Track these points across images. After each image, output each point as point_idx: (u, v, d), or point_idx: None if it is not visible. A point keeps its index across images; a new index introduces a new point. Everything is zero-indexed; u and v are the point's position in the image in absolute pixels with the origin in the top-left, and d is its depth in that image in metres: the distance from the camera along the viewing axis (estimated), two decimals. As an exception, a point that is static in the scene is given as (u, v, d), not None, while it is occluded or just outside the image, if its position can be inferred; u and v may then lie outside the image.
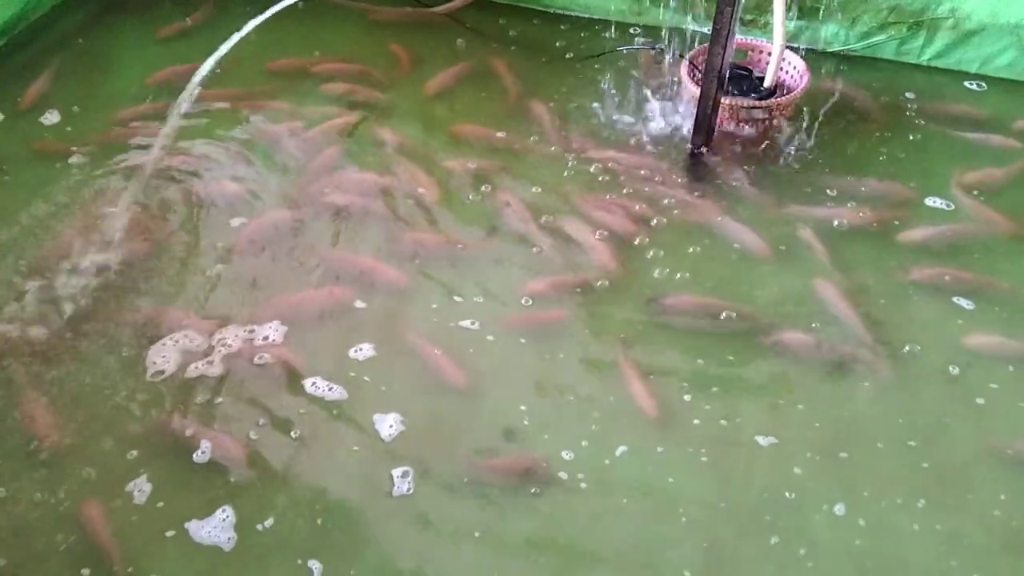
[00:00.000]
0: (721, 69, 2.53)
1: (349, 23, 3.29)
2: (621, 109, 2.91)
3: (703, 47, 2.69)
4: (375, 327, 2.28)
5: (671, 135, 2.81)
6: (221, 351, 2.19)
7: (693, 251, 2.47)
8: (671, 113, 2.88)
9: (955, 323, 2.28)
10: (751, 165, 2.70)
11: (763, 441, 2.05)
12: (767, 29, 2.97)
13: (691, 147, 2.74)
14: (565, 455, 2.03)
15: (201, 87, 2.85)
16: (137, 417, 2.08)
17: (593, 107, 2.93)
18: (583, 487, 1.98)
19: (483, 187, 2.65)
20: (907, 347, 2.23)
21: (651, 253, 2.46)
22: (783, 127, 2.80)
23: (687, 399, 2.13)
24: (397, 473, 1.99)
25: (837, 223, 2.53)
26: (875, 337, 2.25)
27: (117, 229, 2.49)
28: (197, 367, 2.16)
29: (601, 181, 2.67)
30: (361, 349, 2.23)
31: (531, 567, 1.86)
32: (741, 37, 2.81)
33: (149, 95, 2.97)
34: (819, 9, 2.98)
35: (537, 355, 2.23)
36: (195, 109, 2.86)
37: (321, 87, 3.02)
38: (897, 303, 2.34)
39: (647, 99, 2.93)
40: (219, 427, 2.06)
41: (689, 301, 2.33)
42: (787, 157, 2.73)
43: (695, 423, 2.08)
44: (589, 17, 3.28)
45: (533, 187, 2.66)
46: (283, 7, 2.88)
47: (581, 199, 2.61)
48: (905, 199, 2.61)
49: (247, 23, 2.91)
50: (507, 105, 2.95)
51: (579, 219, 2.55)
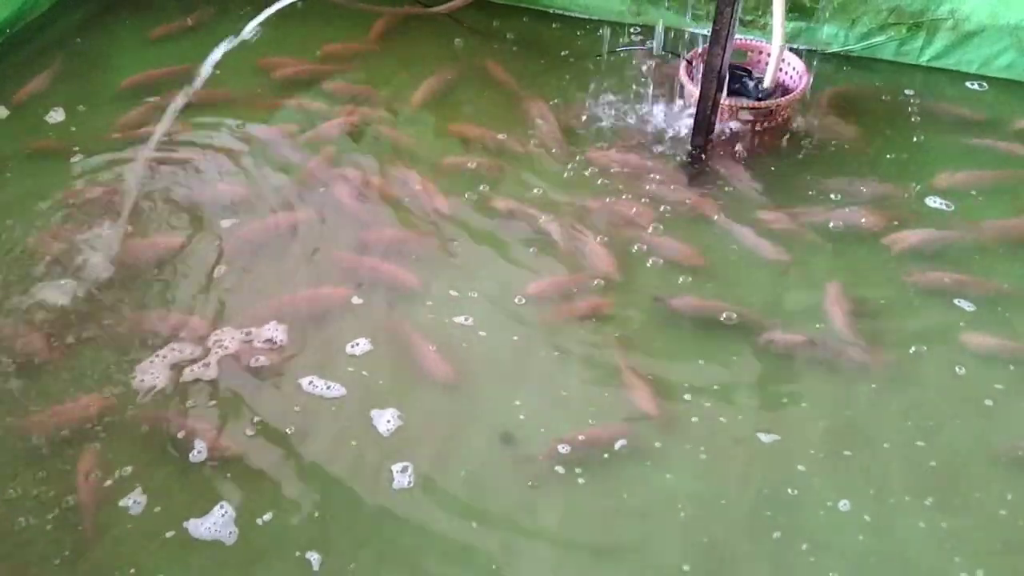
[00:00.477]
0: (721, 69, 2.53)
1: (349, 23, 3.28)
2: (620, 109, 2.90)
3: (702, 47, 2.69)
4: (372, 323, 2.27)
5: (671, 135, 2.81)
6: (217, 352, 2.17)
7: (693, 250, 2.45)
8: (670, 113, 2.87)
9: (957, 324, 2.27)
10: (751, 165, 2.69)
11: (765, 438, 2.05)
12: (766, 30, 2.97)
13: (691, 147, 2.73)
14: (562, 449, 2.02)
15: (199, 87, 2.85)
16: (133, 423, 2.06)
17: (592, 107, 2.92)
18: (580, 482, 1.97)
19: (481, 186, 2.65)
20: (912, 348, 2.22)
21: (651, 253, 2.45)
22: (782, 127, 2.79)
23: (687, 398, 2.12)
24: (397, 468, 1.98)
25: (837, 223, 2.52)
26: (878, 337, 2.24)
27: (114, 229, 2.49)
28: (192, 370, 2.14)
29: (600, 181, 2.66)
30: (357, 344, 2.22)
31: (531, 561, 1.85)
32: (740, 37, 2.81)
33: (140, 95, 2.95)
34: (818, 10, 2.98)
35: (536, 353, 2.22)
36: (192, 110, 2.84)
37: (322, 86, 3.02)
38: (899, 303, 2.33)
39: (646, 99, 2.93)
40: (214, 426, 2.04)
41: (692, 302, 2.32)
42: (787, 157, 2.72)
43: (693, 420, 2.07)
44: (588, 17, 3.29)
45: (532, 188, 2.65)
46: (283, 7, 2.88)
47: (581, 199, 2.60)
48: (905, 200, 2.61)
49: (246, 23, 2.91)
50: (506, 105, 2.94)
51: (579, 219, 2.54)
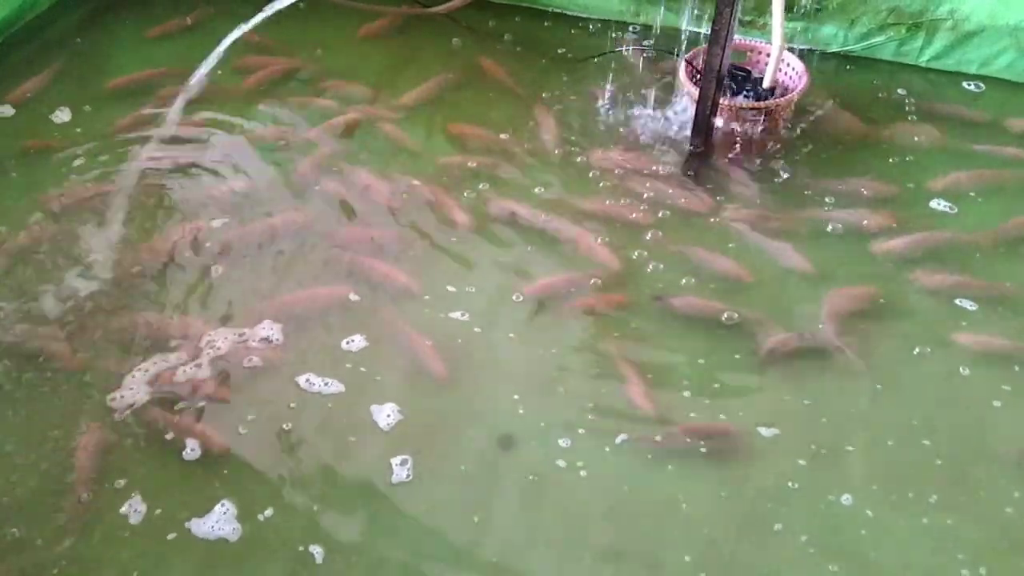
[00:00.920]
0: (720, 69, 2.53)
1: (349, 23, 3.28)
2: (620, 109, 2.90)
3: (702, 47, 2.69)
4: (369, 320, 2.26)
5: (670, 135, 2.80)
6: (210, 353, 2.16)
7: (693, 250, 2.44)
8: (670, 113, 2.87)
9: (959, 324, 2.26)
10: (750, 165, 2.69)
11: (766, 432, 2.04)
12: (766, 30, 2.97)
13: (690, 147, 2.73)
14: (562, 443, 2.02)
15: (196, 88, 2.85)
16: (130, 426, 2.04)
17: (591, 107, 2.92)
18: (582, 475, 1.96)
19: (481, 185, 2.64)
20: (917, 349, 2.21)
21: (650, 253, 2.44)
22: (782, 128, 2.79)
23: (687, 396, 2.11)
24: (396, 461, 1.98)
25: (837, 223, 2.52)
26: (879, 338, 2.23)
27: (110, 230, 2.48)
28: (185, 370, 2.13)
29: (600, 181, 2.66)
30: (353, 340, 2.21)
31: (531, 556, 1.84)
32: (740, 38, 2.81)
33: (129, 96, 2.95)
34: (818, 10, 2.98)
35: (535, 351, 2.21)
36: (187, 109, 2.85)
37: (321, 85, 3.02)
38: (901, 303, 2.33)
39: (646, 99, 2.92)
40: (210, 425, 2.02)
41: (693, 302, 2.31)
42: (786, 158, 2.72)
43: (692, 416, 2.07)
44: (587, 17, 3.28)
45: (532, 188, 2.64)
46: (282, 6, 2.88)
47: (580, 199, 2.59)
48: (905, 200, 2.60)
49: (245, 23, 2.91)
50: (506, 105, 2.94)
51: (579, 219, 2.53)
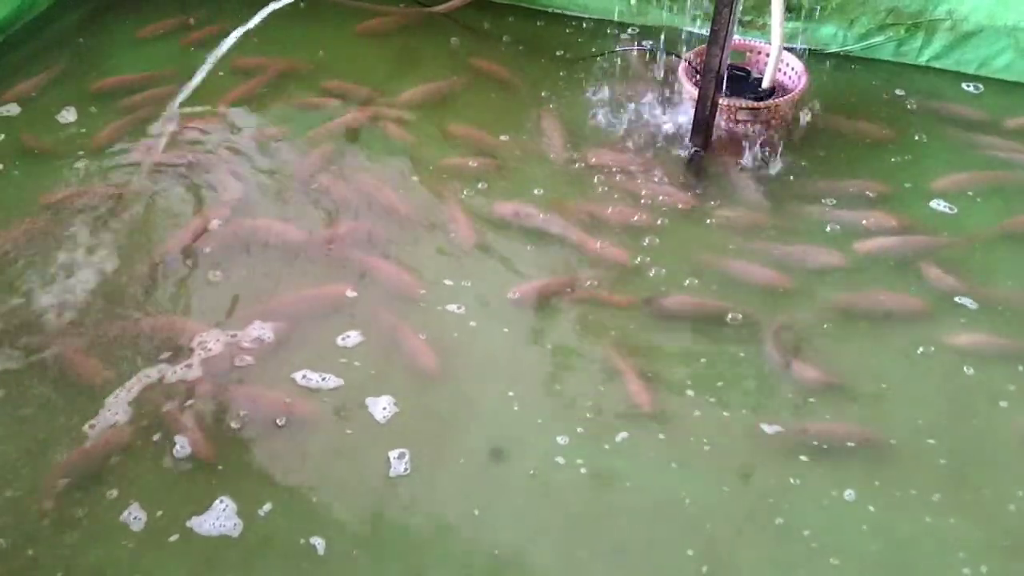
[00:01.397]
0: (719, 70, 2.53)
1: (349, 23, 3.28)
2: (619, 110, 2.90)
3: (701, 48, 2.69)
4: (366, 317, 2.26)
5: (669, 135, 2.80)
6: (202, 353, 2.16)
7: (692, 250, 2.44)
8: (669, 114, 2.87)
9: (959, 323, 2.26)
10: (749, 165, 2.69)
11: (768, 429, 2.04)
12: (765, 30, 2.98)
13: (690, 147, 2.73)
14: (560, 440, 2.01)
15: (195, 88, 2.85)
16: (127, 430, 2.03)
17: (591, 107, 2.91)
18: (583, 472, 1.96)
19: (480, 185, 2.64)
20: (920, 349, 2.20)
21: (650, 252, 2.44)
22: (781, 128, 2.79)
23: (690, 394, 2.10)
24: (394, 454, 1.98)
25: (836, 223, 2.52)
26: (880, 337, 2.23)
27: (109, 229, 2.48)
28: (177, 370, 2.12)
29: (599, 181, 2.65)
30: (349, 336, 2.21)
31: (531, 550, 1.84)
32: (739, 38, 2.82)
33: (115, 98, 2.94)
34: (817, 10, 2.99)
35: (531, 349, 2.21)
36: (186, 109, 2.85)
37: (320, 85, 3.01)
38: (901, 303, 2.31)
39: (645, 99, 2.92)
40: (207, 424, 2.02)
41: (688, 302, 2.31)
42: (785, 158, 2.71)
43: (695, 415, 2.06)
44: (587, 17, 3.29)
45: (531, 188, 2.63)
46: (282, 6, 2.88)
47: (579, 199, 2.59)
48: (905, 200, 2.60)
49: (244, 24, 2.92)
50: (505, 105, 2.94)
51: (577, 218, 2.53)
